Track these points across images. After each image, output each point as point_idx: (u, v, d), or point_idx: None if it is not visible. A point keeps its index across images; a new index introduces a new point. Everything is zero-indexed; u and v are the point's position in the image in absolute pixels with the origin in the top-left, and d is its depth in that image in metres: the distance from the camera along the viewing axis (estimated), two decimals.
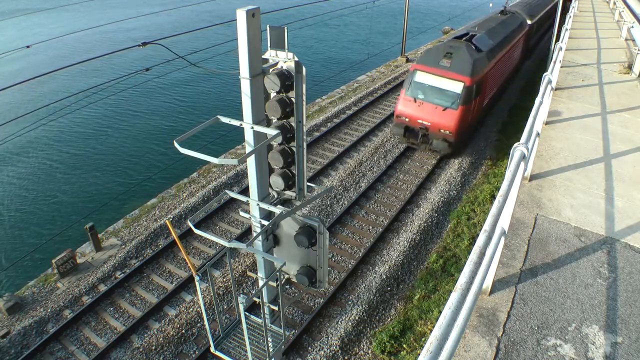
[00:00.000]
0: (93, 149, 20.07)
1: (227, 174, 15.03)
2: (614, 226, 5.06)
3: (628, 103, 9.32)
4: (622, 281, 4.19)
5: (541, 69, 24.48)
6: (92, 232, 11.71)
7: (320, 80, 24.82)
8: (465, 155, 16.31)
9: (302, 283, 4.13)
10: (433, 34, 36.94)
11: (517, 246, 4.62)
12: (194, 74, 27.29)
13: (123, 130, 21.78)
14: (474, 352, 3.39)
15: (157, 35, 12.76)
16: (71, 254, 11.20)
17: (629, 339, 3.58)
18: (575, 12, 19.16)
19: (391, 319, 9.85)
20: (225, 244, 3.43)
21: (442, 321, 2.21)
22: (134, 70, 11.71)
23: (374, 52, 30.57)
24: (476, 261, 2.66)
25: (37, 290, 10.84)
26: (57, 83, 26.13)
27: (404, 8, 27.35)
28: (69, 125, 21.72)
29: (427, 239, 12.24)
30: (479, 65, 15.14)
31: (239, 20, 3.18)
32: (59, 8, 43.73)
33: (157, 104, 24.69)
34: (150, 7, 43.23)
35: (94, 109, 22.67)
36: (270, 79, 3.46)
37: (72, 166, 18.74)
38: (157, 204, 13.86)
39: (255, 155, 3.69)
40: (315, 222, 3.87)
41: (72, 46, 32.73)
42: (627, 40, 15.54)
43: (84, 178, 17.85)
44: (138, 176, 17.57)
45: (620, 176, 6.24)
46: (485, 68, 15.69)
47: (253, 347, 4.09)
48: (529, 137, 4.43)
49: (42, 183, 17.67)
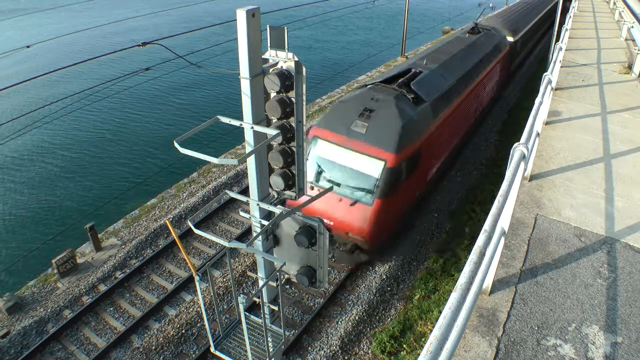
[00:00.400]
0: (93, 149, 20.07)
1: (227, 174, 15.04)
2: (614, 226, 5.06)
3: (628, 103, 9.33)
4: (622, 281, 4.19)
5: (541, 69, 24.50)
6: (92, 232, 11.71)
7: (320, 80, 24.82)
8: (465, 156, 16.30)
9: (302, 283, 4.13)
10: (433, 34, 36.94)
11: (517, 246, 4.62)
12: (194, 74, 27.31)
13: (123, 130, 21.78)
14: (474, 352, 3.39)
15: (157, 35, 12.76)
16: (71, 254, 11.20)
17: (629, 339, 3.58)
18: (575, 12, 19.17)
19: (391, 319, 9.85)
20: (225, 244, 3.43)
21: (442, 321, 2.21)
22: (134, 70, 11.71)
23: (373, 52, 30.57)
24: (476, 261, 2.66)
25: (37, 290, 10.84)
26: (57, 83, 26.14)
27: (403, 8, 27.35)
28: (69, 125, 21.73)
29: (427, 239, 12.23)
30: (413, 129, 10.10)
31: (239, 20, 3.18)
32: (59, 8, 43.73)
33: (157, 104, 24.70)
34: (151, 7, 43.23)
35: (94, 109, 22.68)
36: (270, 79, 3.46)
37: (72, 166, 18.74)
38: (157, 204, 13.86)
39: (255, 155, 3.69)
40: (315, 222, 3.87)
41: (72, 46, 32.73)
42: (627, 40, 15.54)
43: (84, 178, 17.85)
44: (138, 176, 17.56)
45: (620, 176, 6.23)
46: (425, 131, 10.64)
47: (253, 347, 4.09)
48: (529, 137, 4.43)
49: (42, 183, 17.67)
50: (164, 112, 23.76)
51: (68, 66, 9.32)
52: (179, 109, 24.18)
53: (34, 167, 18.82)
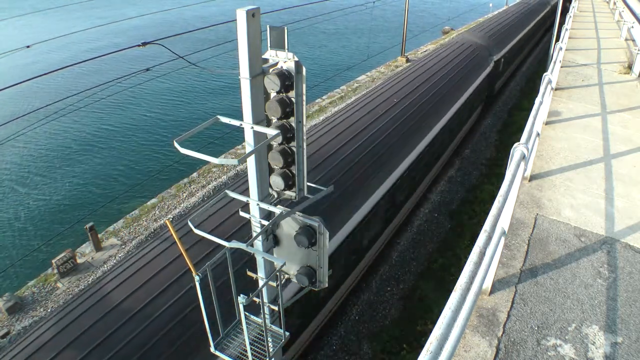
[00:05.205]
0: (93, 149, 20.07)
1: (227, 174, 15.04)
2: (614, 226, 5.05)
3: (628, 103, 9.32)
4: (622, 281, 4.19)
5: (541, 69, 24.52)
6: (92, 232, 11.70)
7: (320, 80, 24.82)
8: (465, 156, 16.31)
9: (302, 283, 4.13)
10: (433, 34, 36.95)
11: (517, 246, 4.62)
12: (194, 74, 27.30)
13: (123, 130, 21.78)
14: (474, 352, 3.39)
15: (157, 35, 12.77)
16: (71, 254, 11.20)
17: (629, 339, 3.57)
18: (575, 12, 19.17)
19: (391, 319, 9.85)
20: (225, 244, 3.43)
21: (442, 321, 2.21)
22: (134, 70, 11.70)
23: (374, 52, 30.56)
24: (476, 261, 2.66)
25: (37, 290, 10.84)
26: (57, 83, 26.15)
27: (404, 8, 27.36)
28: (69, 125, 21.73)
29: (427, 239, 12.23)
30: None
31: (239, 20, 3.18)
32: (58, 8, 43.74)
33: (157, 104, 24.70)
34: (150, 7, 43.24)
35: (94, 109, 22.67)
36: (270, 79, 3.46)
37: (72, 166, 18.74)
38: (157, 204, 13.86)
39: (255, 155, 3.69)
40: (315, 222, 3.87)
41: (72, 46, 32.73)
42: (627, 40, 15.54)
43: (84, 178, 17.85)
44: (138, 176, 17.56)
45: (620, 176, 6.23)
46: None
47: (253, 347, 4.09)
48: (529, 137, 4.43)
49: (42, 183, 17.67)
50: (164, 112, 23.77)
51: (68, 66, 9.31)
52: (179, 109, 24.18)
53: (34, 167, 18.82)
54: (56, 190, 17.14)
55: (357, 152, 8.81)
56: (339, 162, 8.36)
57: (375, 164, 8.99)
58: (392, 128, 10.06)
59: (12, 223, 15.48)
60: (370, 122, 9.90)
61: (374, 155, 9.09)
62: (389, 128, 10.00)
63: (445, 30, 37.65)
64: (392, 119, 10.33)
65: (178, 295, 5.36)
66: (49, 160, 19.29)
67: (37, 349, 4.78)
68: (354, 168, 8.45)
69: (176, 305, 5.27)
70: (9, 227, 15.32)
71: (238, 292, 3.69)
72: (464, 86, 13.93)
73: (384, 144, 9.55)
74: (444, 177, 15.11)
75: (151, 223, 12.93)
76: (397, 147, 9.84)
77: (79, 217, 14.49)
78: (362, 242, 9.14)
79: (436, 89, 12.55)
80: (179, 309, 5.24)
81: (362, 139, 9.25)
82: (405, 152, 10.08)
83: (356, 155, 8.73)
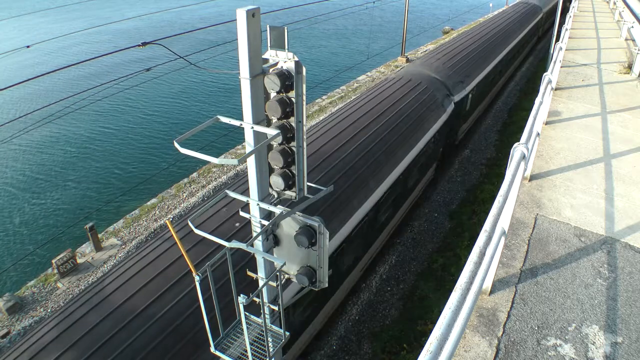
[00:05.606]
0: (93, 149, 20.08)
1: (227, 174, 15.04)
2: (614, 226, 5.06)
3: (628, 103, 9.33)
4: (622, 281, 4.19)
5: (541, 69, 24.53)
6: (92, 232, 11.70)
7: (320, 80, 24.83)
8: (466, 155, 16.31)
9: (302, 283, 4.13)
10: (433, 34, 36.96)
11: (517, 246, 4.62)
12: (194, 74, 27.31)
13: (123, 130, 21.79)
14: (474, 352, 3.39)
15: (157, 35, 12.76)
16: (71, 254, 11.20)
17: (629, 339, 3.57)
18: (575, 12, 19.18)
19: (391, 319, 9.85)
20: (225, 244, 3.43)
21: (442, 321, 2.21)
22: (134, 70, 11.70)
23: (374, 52, 30.56)
24: (476, 261, 2.66)
25: (37, 290, 10.84)
26: (57, 83, 26.15)
27: (403, 8, 27.36)
28: (69, 126, 21.74)
29: (426, 239, 12.23)
30: None
31: (239, 20, 3.17)
32: (59, 8, 43.73)
33: (157, 104, 24.70)
34: (150, 7, 43.24)
35: (94, 109, 22.68)
36: (270, 79, 3.46)
37: (72, 166, 18.75)
38: (157, 204, 13.86)
39: (255, 155, 3.69)
40: (316, 222, 3.87)
41: (72, 46, 32.74)
42: (627, 40, 15.55)
43: (84, 178, 17.85)
44: (138, 176, 17.56)
45: (620, 176, 6.23)
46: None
47: (253, 347, 4.09)
48: (529, 137, 4.43)
49: (42, 183, 17.67)
50: (164, 112, 23.78)
51: (68, 66, 9.31)
52: (179, 109, 24.19)
53: (34, 167, 18.83)
54: (56, 190, 17.15)
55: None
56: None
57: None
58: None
59: (13, 223, 15.49)
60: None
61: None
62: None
63: (445, 30, 37.65)
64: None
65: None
66: (49, 160, 19.29)
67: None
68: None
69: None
70: (9, 227, 15.32)
71: (238, 292, 3.69)
72: (405, 146, 9.63)
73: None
74: (444, 177, 15.12)
75: (151, 223, 12.93)
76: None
77: (79, 217, 14.50)
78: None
79: (360, 160, 8.35)
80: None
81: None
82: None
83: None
